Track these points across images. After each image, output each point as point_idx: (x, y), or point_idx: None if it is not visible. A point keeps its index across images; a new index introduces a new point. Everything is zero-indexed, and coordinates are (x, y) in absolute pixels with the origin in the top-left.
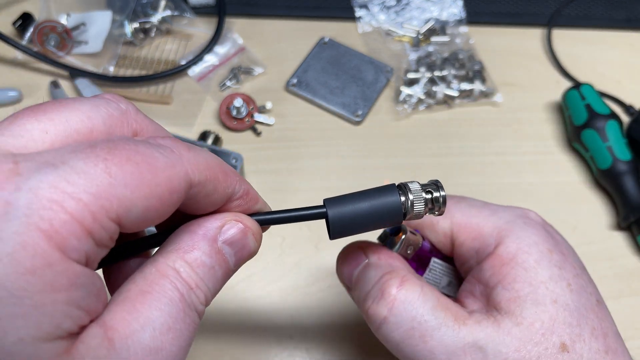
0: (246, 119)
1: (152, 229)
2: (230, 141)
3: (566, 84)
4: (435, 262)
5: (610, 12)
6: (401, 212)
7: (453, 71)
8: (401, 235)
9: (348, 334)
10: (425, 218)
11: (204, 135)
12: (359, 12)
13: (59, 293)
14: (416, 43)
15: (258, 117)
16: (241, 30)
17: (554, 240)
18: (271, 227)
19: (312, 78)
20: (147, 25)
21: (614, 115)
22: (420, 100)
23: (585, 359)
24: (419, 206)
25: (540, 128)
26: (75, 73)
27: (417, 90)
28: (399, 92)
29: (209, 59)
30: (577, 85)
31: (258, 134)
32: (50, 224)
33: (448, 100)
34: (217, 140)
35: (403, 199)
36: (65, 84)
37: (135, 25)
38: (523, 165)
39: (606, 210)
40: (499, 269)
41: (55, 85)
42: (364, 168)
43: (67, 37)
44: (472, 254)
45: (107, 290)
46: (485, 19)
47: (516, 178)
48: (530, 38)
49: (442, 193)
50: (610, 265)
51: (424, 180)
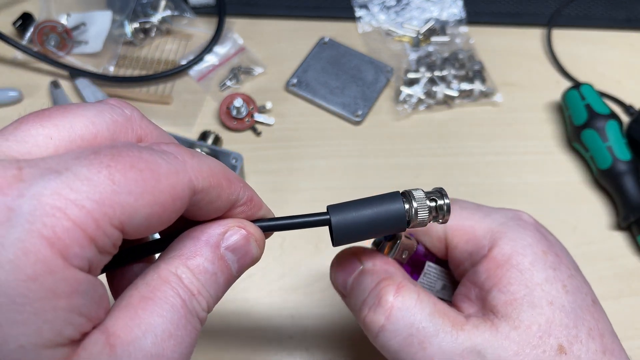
0: (246, 119)
1: (155, 234)
2: (230, 141)
3: (566, 84)
4: (429, 266)
5: (610, 12)
6: (405, 220)
7: (453, 71)
8: (396, 240)
9: (348, 333)
10: None
11: (204, 135)
12: (359, 12)
13: (61, 300)
14: (416, 43)
15: (258, 117)
16: (241, 30)
17: (548, 242)
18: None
19: (312, 78)
20: (147, 25)
21: (613, 115)
22: (420, 100)
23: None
24: (423, 214)
25: (540, 128)
26: (75, 73)
27: (417, 90)
28: (399, 92)
29: (209, 59)
30: (577, 85)
31: (258, 134)
32: (52, 230)
33: (448, 100)
34: (217, 140)
35: (407, 206)
36: (65, 84)
37: (136, 25)
38: (523, 165)
39: (606, 210)
40: (494, 272)
41: (55, 85)
42: (364, 168)
43: (67, 37)
44: (466, 257)
45: (110, 294)
46: (485, 19)
47: (516, 178)
48: (530, 38)
49: (447, 201)
50: (610, 265)
51: (427, 186)
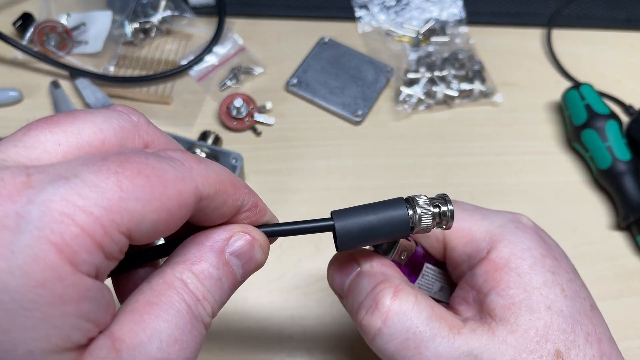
0: (246, 119)
1: (160, 239)
2: (230, 141)
3: (566, 84)
4: (427, 268)
5: (610, 12)
6: (409, 226)
7: (453, 71)
8: (395, 241)
9: (348, 333)
10: None
11: (204, 135)
12: (359, 12)
13: (69, 305)
14: (416, 43)
15: (258, 117)
16: (241, 30)
17: (547, 245)
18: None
19: (312, 78)
20: (147, 25)
21: (613, 115)
22: (420, 100)
23: None
24: (427, 220)
25: (540, 128)
26: (75, 73)
27: (417, 90)
28: (399, 92)
29: (209, 59)
30: (577, 85)
31: (258, 134)
32: (61, 237)
33: (448, 100)
34: (217, 140)
35: (411, 212)
36: (65, 84)
37: (136, 25)
38: (523, 165)
39: (606, 210)
40: (492, 275)
41: (55, 85)
42: (363, 168)
43: (67, 37)
44: (465, 259)
45: (116, 298)
46: (485, 19)
47: (516, 178)
48: (530, 38)
49: (450, 207)
50: (610, 265)
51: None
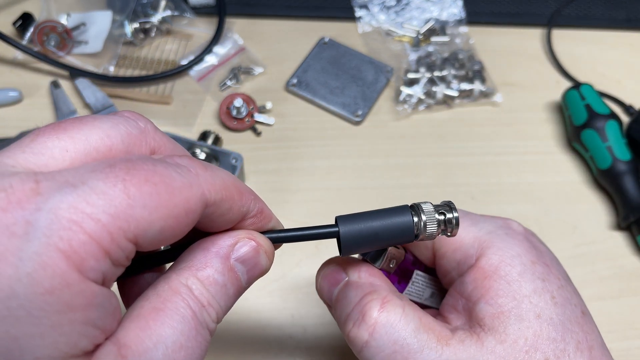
0: (246, 119)
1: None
2: (230, 141)
3: (566, 84)
4: (417, 275)
5: (610, 12)
6: (413, 233)
7: (453, 71)
8: (384, 250)
9: None
10: None
11: (204, 135)
12: (359, 12)
13: (76, 313)
14: (416, 43)
15: (258, 117)
16: (241, 30)
17: (537, 251)
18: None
19: (312, 78)
20: (147, 25)
21: (613, 115)
22: (420, 100)
23: None
24: (432, 227)
25: (540, 128)
26: (75, 73)
27: (417, 90)
28: (399, 92)
29: (209, 59)
30: (577, 85)
31: (258, 134)
32: (69, 244)
33: (448, 100)
34: (217, 140)
35: (416, 219)
36: (65, 84)
37: (136, 25)
38: (523, 165)
39: (606, 210)
40: (482, 283)
41: (55, 85)
42: (363, 168)
43: (67, 37)
44: (454, 266)
45: (122, 302)
46: (485, 19)
47: (516, 178)
48: (530, 38)
49: (455, 214)
50: (610, 265)
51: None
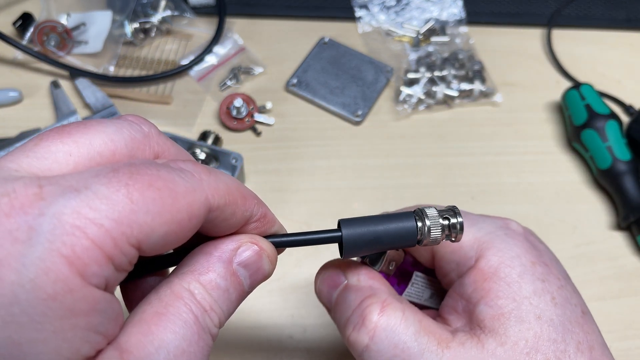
0: (246, 119)
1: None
2: (230, 141)
3: (566, 84)
4: (417, 276)
5: (610, 12)
6: (415, 239)
7: (453, 71)
8: (383, 252)
9: None
10: None
11: (204, 135)
12: (359, 12)
13: (79, 318)
14: (416, 43)
15: (258, 117)
16: (241, 30)
17: (537, 251)
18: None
19: (312, 78)
20: (147, 25)
21: (613, 115)
22: (420, 100)
23: None
24: (436, 232)
25: (540, 128)
26: (75, 73)
27: (417, 90)
28: (399, 92)
29: (209, 59)
30: (577, 85)
31: (258, 134)
32: (72, 250)
33: (448, 100)
34: (217, 140)
35: (420, 224)
36: (65, 84)
37: (135, 25)
38: (523, 165)
39: (606, 210)
40: (481, 284)
41: (55, 85)
42: (364, 168)
43: (67, 37)
44: (453, 268)
45: (124, 305)
46: (485, 19)
47: (516, 178)
48: (530, 38)
49: (460, 219)
50: (610, 265)
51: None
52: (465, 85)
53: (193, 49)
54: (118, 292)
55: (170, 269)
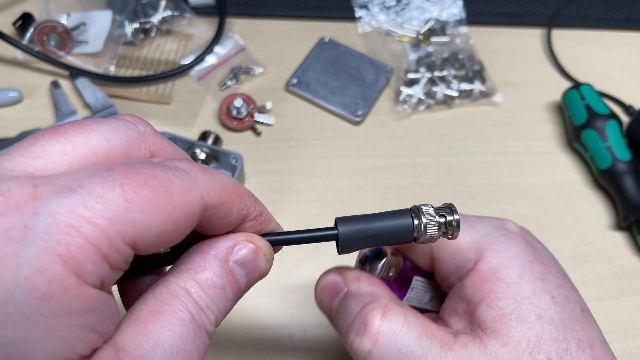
0: (246, 119)
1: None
2: (230, 141)
3: (566, 84)
4: (417, 281)
5: (610, 12)
6: (412, 235)
7: (453, 71)
8: (383, 258)
9: None
10: None
11: (204, 135)
12: (359, 12)
13: (74, 317)
14: (416, 43)
15: (258, 117)
16: (241, 30)
17: (535, 251)
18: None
19: (312, 78)
20: (147, 25)
21: (613, 115)
22: (420, 100)
23: None
24: (432, 230)
25: (540, 128)
26: (75, 73)
27: (417, 90)
28: (399, 92)
29: (209, 59)
30: (577, 85)
31: (258, 134)
32: (67, 249)
33: (448, 100)
34: (217, 140)
35: (416, 222)
36: (65, 84)
37: (135, 25)
38: (523, 165)
39: (606, 210)
40: (481, 286)
41: (55, 85)
42: (364, 168)
43: (68, 37)
44: (452, 270)
45: (122, 305)
46: (485, 19)
47: (516, 178)
48: (530, 38)
49: (456, 217)
50: (610, 265)
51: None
52: (465, 85)
53: (193, 49)
54: (116, 293)
55: (167, 268)
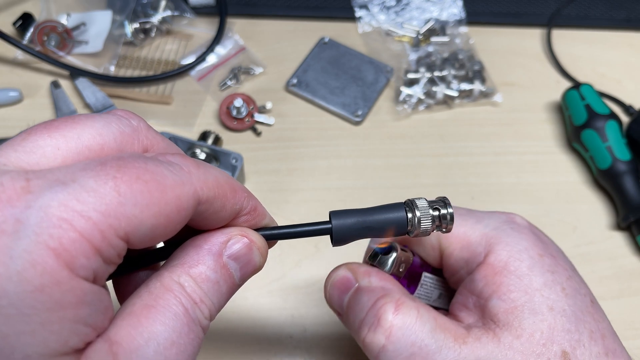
0: (246, 119)
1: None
2: (230, 141)
3: (566, 84)
4: (426, 277)
5: (610, 12)
6: (406, 228)
7: (453, 71)
8: (393, 254)
9: (347, 333)
10: None
11: (204, 135)
12: (359, 12)
13: (67, 310)
14: (416, 43)
15: (258, 117)
16: (241, 30)
17: (543, 244)
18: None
19: (312, 78)
20: (147, 26)
21: (613, 116)
22: (420, 100)
23: None
24: (426, 223)
25: (540, 128)
26: (75, 73)
27: (417, 90)
28: (399, 92)
29: (209, 59)
30: (577, 85)
31: (258, 134)
32: (59, 242)
33: (448, 100)
34: (217, 140)
35: (410, 215)
36: (65, 84)
37: (136, 25)
38: (523, 165)
39: (606, 210)
40: (492, 279)
41: (55, 85)
42: (364, 168)
43: (68, 37)
44: (462, 265)
45: (117, 299)
46: (485, 19)
47: (516, 178)
48: (530, 38)
49: (450, 210)
50: (610, 265)
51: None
52: (465, 85)
53: (193, 49)
54: (111, 289)
55: (162, 264)
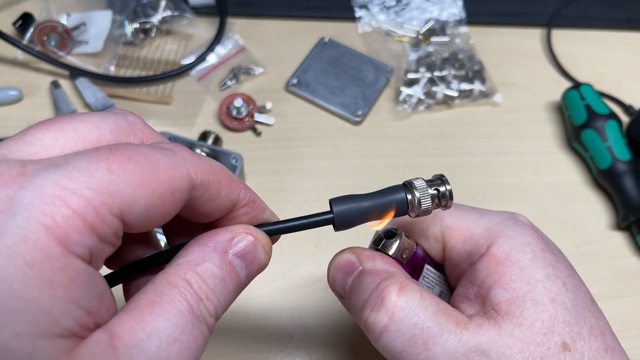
0: (246, 119)
1: (164, 241)
2: (230, 141)
3: (566, 84)
4: (428, 270)
5: (610, 12)
6: (407, 210)
7: (453, 71)
8: (397, 239)
9: (348, 333)
10: (416, 223)
11: (204, 135)
12: (359, 12)
13: (58, 289)
14: (416, 43)
15: (258, 117)
16: (241, 30)
17: (544, 241)
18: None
19: (312, 78)
20: (147, 26)
21: (613, 115)
22: (420, 100)
23: (586, 357)
24: (427, 202)
25: (540, 128)
26: (76, 73)
27: (417, 90)
28: (399, 92)
29: (209, 59)
30: (577, 85)
31: (258, 134)
32: (52, 218)
33: (448, 100)
34: (217, 140)
35: (409, 197)
36: (65, 84)
37: (136, 25)
38: (523, 165)
39: (606, 210)
40: (495, 269)
41: (55, 85)
42: (364, 168)
43: (68, 37)
44: (464, 257)
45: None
46: (485, 19)
47: (516, 178)
48: (530, 38)
49: (449, 187)
50: (610, 265)
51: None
52: (465, 85)
53: (193, 49)
54: (119, 294)
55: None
